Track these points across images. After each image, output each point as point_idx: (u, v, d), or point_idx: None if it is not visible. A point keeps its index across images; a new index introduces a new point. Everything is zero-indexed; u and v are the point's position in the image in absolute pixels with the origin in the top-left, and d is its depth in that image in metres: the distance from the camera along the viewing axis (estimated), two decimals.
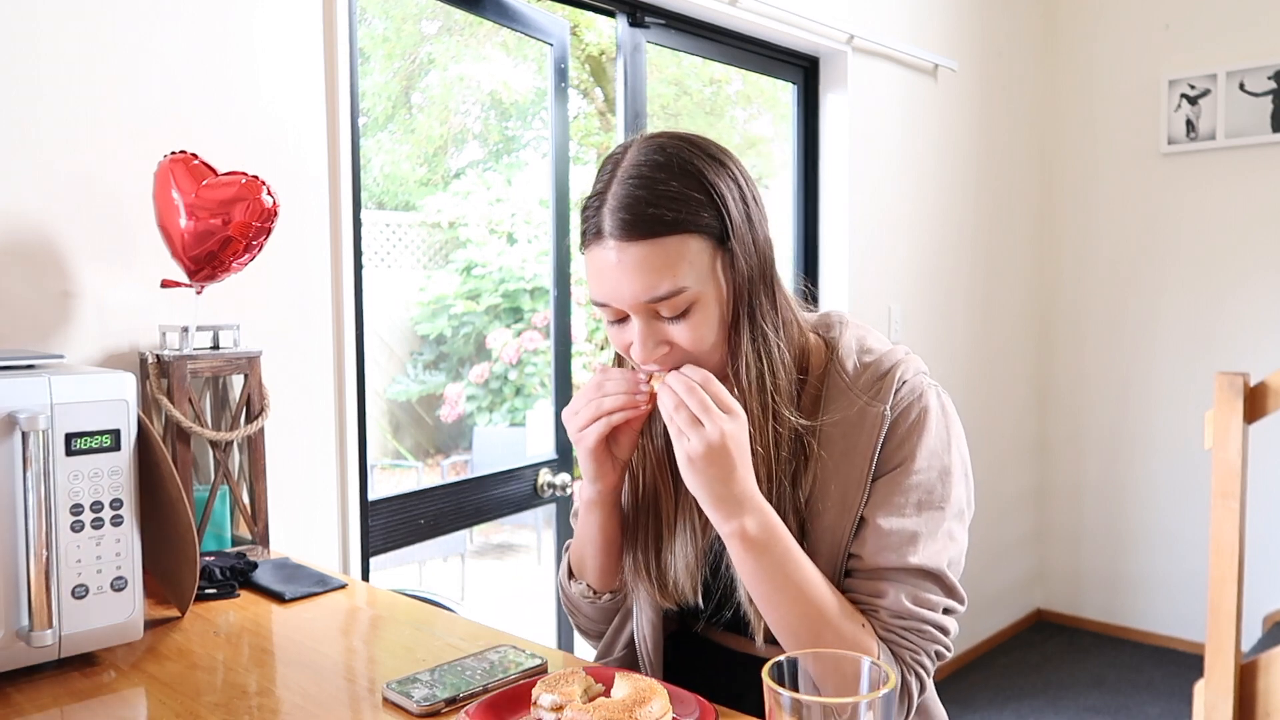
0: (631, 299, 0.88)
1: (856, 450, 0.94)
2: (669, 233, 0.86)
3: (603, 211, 0.88)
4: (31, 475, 0.92)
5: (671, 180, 0.87)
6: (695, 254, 0.87)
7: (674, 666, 1.09)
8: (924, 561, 0.91)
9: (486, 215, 5.54)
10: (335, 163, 1.66)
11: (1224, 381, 2.12)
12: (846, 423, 0.95)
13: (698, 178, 0.88)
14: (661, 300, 0.87)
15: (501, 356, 5.31)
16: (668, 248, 0.86)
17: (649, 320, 0.90)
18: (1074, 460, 3.91)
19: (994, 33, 3.51)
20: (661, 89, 5.70)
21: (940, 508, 0.94)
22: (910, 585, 0.92)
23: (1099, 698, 3.29)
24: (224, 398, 1.50)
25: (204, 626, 1.11)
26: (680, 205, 0.87)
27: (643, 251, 0.86)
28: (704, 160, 0.89)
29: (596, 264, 0.90)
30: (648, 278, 0.86)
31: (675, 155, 0.89)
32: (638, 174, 0.88)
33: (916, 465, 0.93)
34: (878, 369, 0.96)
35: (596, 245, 0.89)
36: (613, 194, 0.88)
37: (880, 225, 3.02)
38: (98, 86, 1.38)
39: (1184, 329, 3.62)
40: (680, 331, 0.90)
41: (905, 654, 0.92)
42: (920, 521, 0.93)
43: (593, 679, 0.84)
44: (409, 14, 5.44)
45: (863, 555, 0.93)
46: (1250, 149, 3.43)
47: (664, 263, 0.86)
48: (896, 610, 0.91)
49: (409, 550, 2.26)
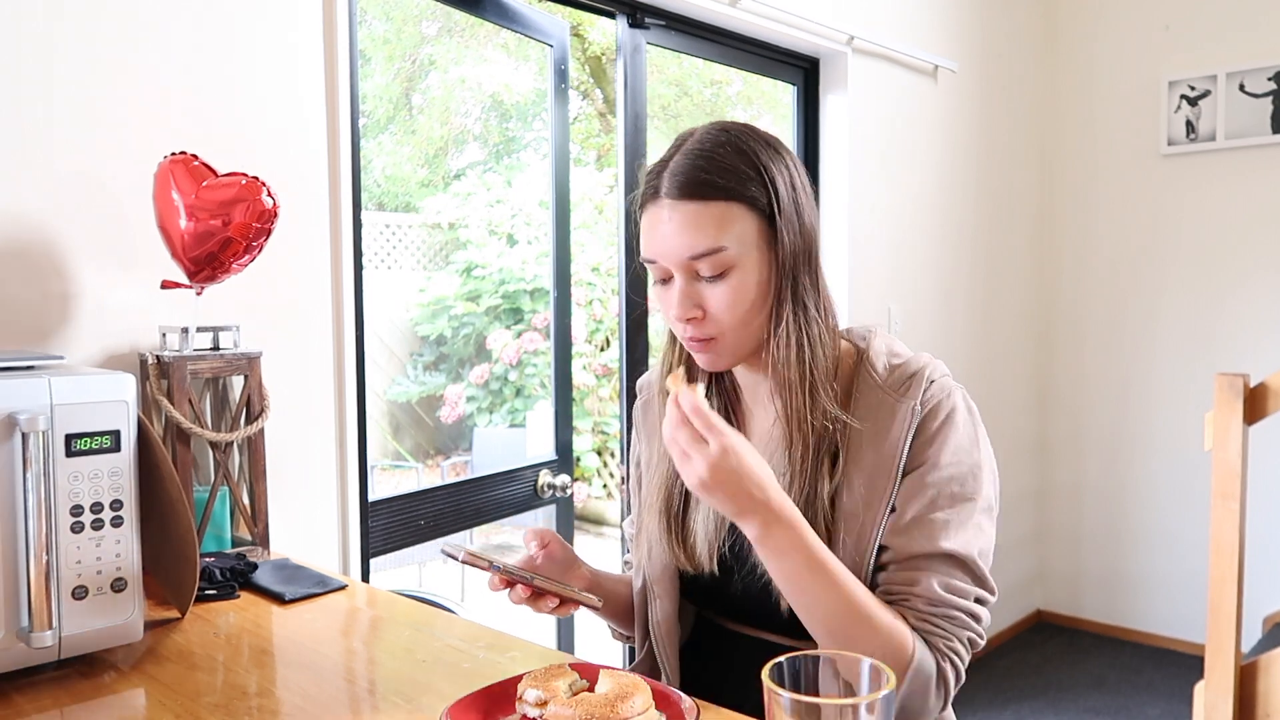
0: (676, 254, 0.96)
1: (886, 444, 0.97)
2: (718, 197, 0.95)
3: (663, 175, 0.97)
4: (31, 476, 0.92)
5: (728, 155, 0.96)
6: (740, 221, 0.95)
7: (691, 657, 1.12)
8: (955, 548, 0.94)
9: (487, 216, 5.54)
10: (335, 164, 1.66)
11: (1224, 382, 2.11)
12: (877, 418, 0.98)
13: (752, 157, 0.96)
14: (702, 257, 0.95)
15: (501, 357, 5.31)
16: (715, 210, 0.95)
17: (689, 279, 0.97)
18: (1074, 461, 3.91)
19: (994, 34, 3.51)
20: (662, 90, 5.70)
21: (970, 499, 0.97)
22: (942, 573, 0.94)
23: (1099, 699, 3.29)
24: (224, 399, 1.50)
25: (204, 627, 1.11)
26: (731, 176, 0.95)
27: (692, 210, 0.95)
28: (760, 144, 0.98)
29: (649, 222, 0.98)
30: (693, 234, 0.94)
31: (736, 135, 0.98)
32: (700, 147, 0.97)
33: (946, 459, 0.96)
34: (906, 370, 1.00)
35: (652, 204, 0.98)
36: (675, 161, 0.97)
37: (880, 226, 3.02)
38: (98, 87, 1.38)
39: (1184, 330, 3.62)
40: (716, 295, 0.96)
41: (939, 641, 0.94)
42: (951, 511, 0.95)
43: (577, 674, 0.84)
44: (409, 15, 5.44)
45: (894, 545, 0.95)
46: (1250, 150, 3.43)
47: (709, 222, 0.94)
48: (930, 597, 0.93)
49: (409, 551, 2.26)
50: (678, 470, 0.88)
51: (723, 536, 1.05)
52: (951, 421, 0.97)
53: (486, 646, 1.04)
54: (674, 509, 1.08)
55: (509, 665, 0.98)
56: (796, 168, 1.00)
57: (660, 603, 1.09)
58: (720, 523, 1.05)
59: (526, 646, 1.04)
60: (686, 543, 1.07)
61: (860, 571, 0.95)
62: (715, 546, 1.04)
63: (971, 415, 1.00)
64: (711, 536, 1.05)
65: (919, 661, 0.91)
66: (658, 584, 1.09)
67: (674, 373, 0.90)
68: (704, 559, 1.05)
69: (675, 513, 1.08)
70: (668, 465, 1.09)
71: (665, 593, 1.09)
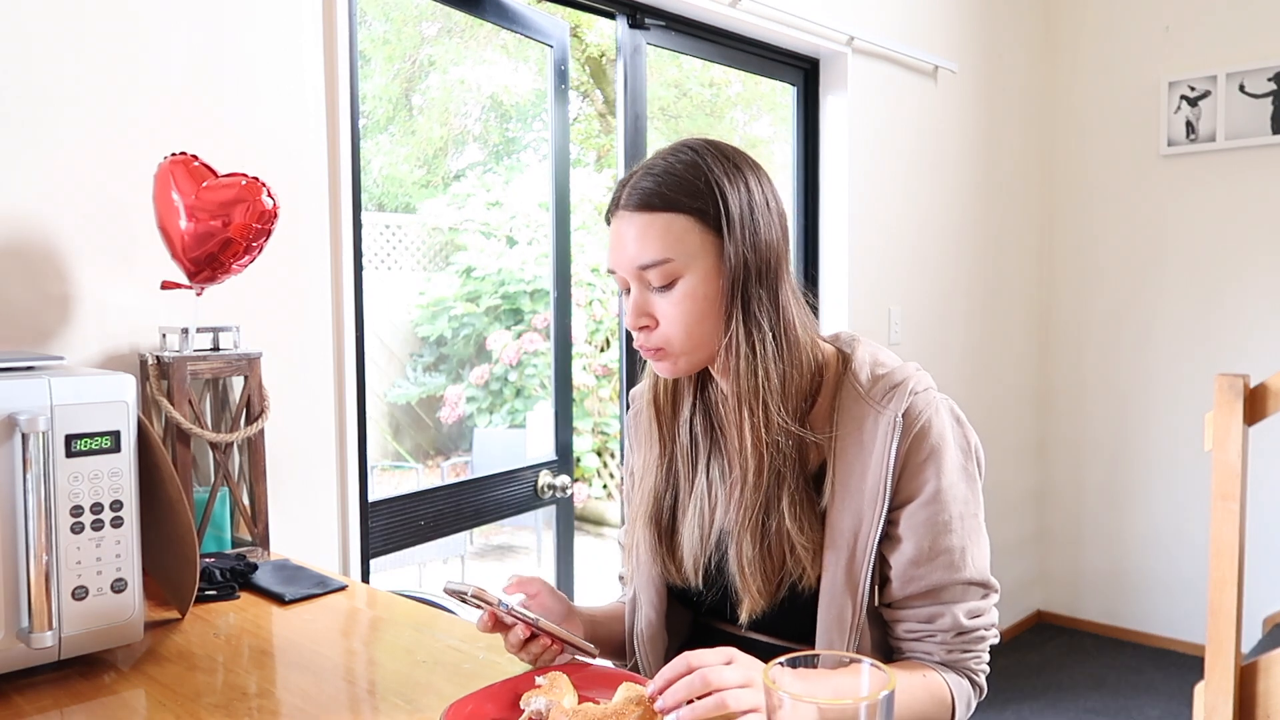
0: (628, 263, 0.99)
1: (871, 459, 0.97)
2: (665, 209, 0.97)
3: (625, 189, 1.01)
4: (32, 477, 0.92)
5: (682, 169, 0.99)
6: (687, 233, 0.97)
7: None
8: (974, 575, 0.98)
9: (486, 217, 5.54)
10: (335, 164, 1.66)
11: (1224, 383, 2.11)
12: (861, 430, 0.98)
13: (705, 171, 0.98)
14: (650, 267, 0.97)
15: (501, 358, 5.31)
16: (662, 222, 0.97)
17: (641, 289, 1.00)
18: (1074, 461, 3.91)
19: (994, 34, 3.51)
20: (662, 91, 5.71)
21: (975, 515, 1.00)
22: (964, 601, 0.98)
23: (1099, 699, 3.29)
24: (224, 399, 1.50)
25: (204, 628, 1.11)
26: (681, 189, 0.98)
27: (642, 221, 0.98)
28: (717, 159, 1.00)
29: (612, 233, 1.02)
30: (641, 245, 0.98)
31: (694, 151, 1.01)
32: (657, 162, 1.01)
33: (947, 483, 0.98)
34: (890, 380, 1.00)
35: (614, 217, 1.02)
36: (635, 176, 1.01)
37: (880, 227, 3.02)
38: (97, 88, 1.38)
39: (1184, 330, 3.62)
40: (665, 305, 0.98)
41: (971, 662, 1.00)
42: (964, 534, 0.98)
43: (576, 691, 0.84)
44: (409, 16, 5.44)
45: (914, 577, 0.98)
46: (1250, 150, 3.43)
47: (657, 234, 0.97)
48: (957, 630, 0.98)
49: (409, 552, 2.26)
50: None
51: (708, 553, 1.06)
52: (944, 442, 0.98)
53: (487, 647, 1.04)
54: (663, 521, 1.09)
55: (509, 666, 0.98)
56: (760, 184, 1.00)
57: (644, 610, 1.10)
58: (705, 538, 1.06)
59: None
60: (675, 555, 1.08)
61: (855, 591, 0.96)
62: (700, 562, 1.06)
63: (960, 426, 1.01)
64: (697, 551, 1.06)
65: (957, 697, 0.98)
66: (643, 592, 1.11)
67: None
68: (689, 572, 1.06)
69: (665, 525, 1.09)
70: (655, 476, 1.10)
71: (649, 601, 1.10)
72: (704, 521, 1.06)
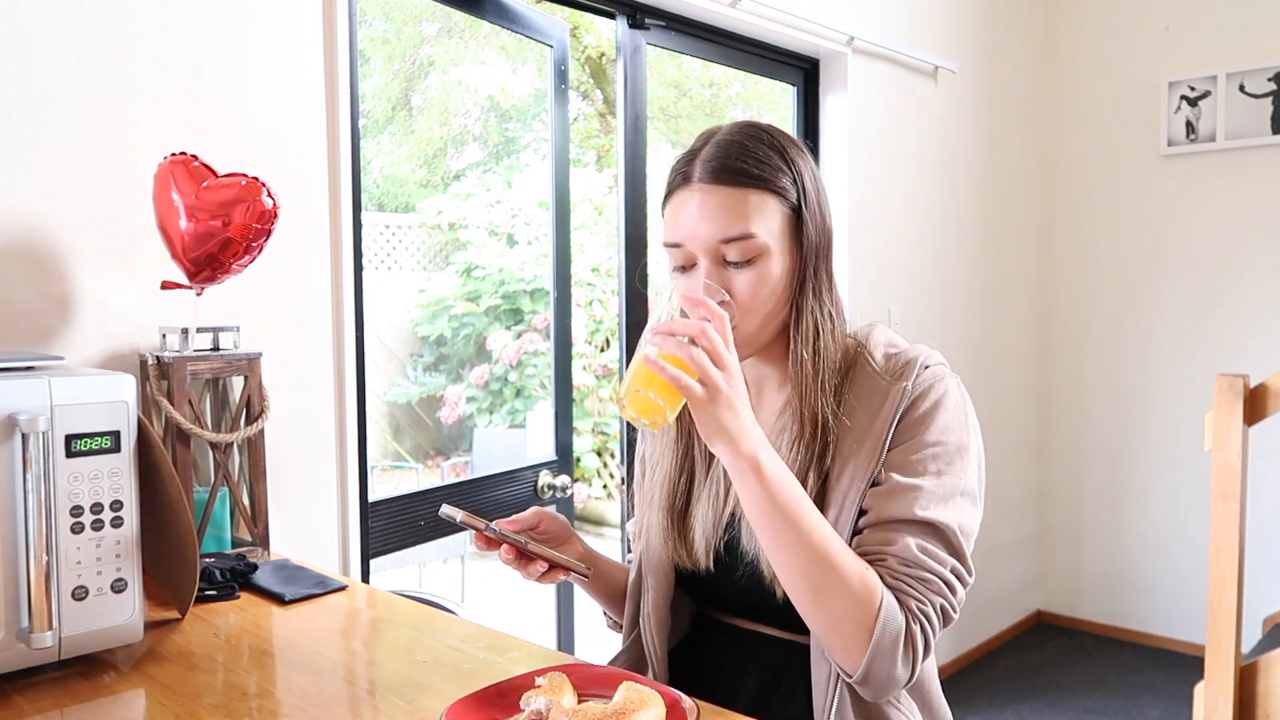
0: (705, 238, 0.97)
1: (876, 424, 0.98)
2: (752, 185, 0.98)
3: (694, 163, 1.00)
4: (31, 477, 0.92)
5: (761, 147, 0.99)
6: (770, 211, 0.98)
7: (684, 648, 1.13)
8: (934, 517, 0.94)
9: (486, 217, 5.54)
10: (335, 164, 1.66)
11: (1224, 383, 2.12)
12: (870, 403, 0.99)
13: (782, 151, 1.00)
14: (732, 241, 0.96)
15: (501, 358, 5.31)
16: (748, 197, 0.97)
17: (716, 265, 0.98)
18: (1074, 461, 3.91)
19: (994, 34, 3.51)
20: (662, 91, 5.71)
21: (955, 476, 0.96)
22: (918, 537, 0.93)
23: (1099, 699, 3.29)
24: (224, 399, 1.50)
25: (204, 628, 1.11)
26: (765, 167, 0.98)
27: (725, 195, 0.97)
28: (788, 141, 1.02)
29: (678, 206, 1.00)
30: (725, 218, 0.96)
31: (766, 130, 1.02)
32: (732, 138, 1.00)
33: (933, 435, 0.97)
34: (902, 358, 1.02)
35: (682, 189, 1.00)
36: (706, 150, 1.00)
37: (880, 226, 3.02)
38: (97, 88, 1.38)
39: (1184, 330, 3.62)
40: (741, 281, 0.97)
41: (912, 602, 0.91)
42: (933, 482, 0.95)
43: (576, 691, 0.84)
44: (409, 16, 5.44)
45: (873, 508, 0.96)
46: (1250, 151, 3.43)
47: (743, 209, 0.97)
48: (904, 557, 0.92)
49: (409, 552, 2.26)
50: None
51: (720, 534, 1.06)
52: (942, 404, 0.98)
53: (487, 647, 1.04)
54: (676, 506, 1.09)
55: (509, 666, 0.98)
56: (817, 168, 1.04)
57: (653, 594, 1.10)
58: (718, 520, 1.06)
59: (527, 647, 1.04)
60: (686, 539, 1.08)
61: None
62: (712, 544, 1.06)
63: (964, 402, 1.01)
64: (709, 533, 1.06)
65: (886, 612, 0.89)
66: (652, 575, 1.11)
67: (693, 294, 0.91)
68: (701, 555, 1.06)
69: (678, 510, 1.09)
70: (670, 463, 1.10)
71: (658, 585, 1.10)
72: (718, 503, 1.07)
